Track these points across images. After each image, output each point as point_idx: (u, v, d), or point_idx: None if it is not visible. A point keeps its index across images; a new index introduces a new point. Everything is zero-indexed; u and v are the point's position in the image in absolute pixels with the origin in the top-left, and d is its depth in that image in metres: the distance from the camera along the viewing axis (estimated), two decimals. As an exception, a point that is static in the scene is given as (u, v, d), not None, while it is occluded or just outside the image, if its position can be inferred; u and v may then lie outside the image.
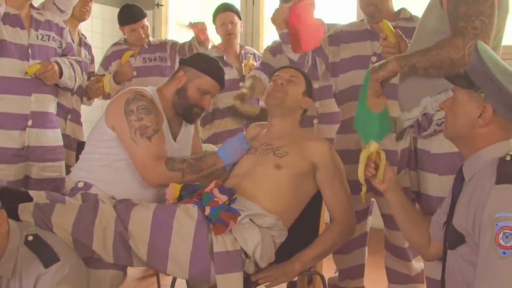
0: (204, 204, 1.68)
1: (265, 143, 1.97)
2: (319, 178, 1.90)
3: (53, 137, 2.46)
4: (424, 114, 1.70)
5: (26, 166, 2.36)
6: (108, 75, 2.99)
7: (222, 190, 1.72)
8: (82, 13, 2.90)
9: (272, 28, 2.35)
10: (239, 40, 3.25)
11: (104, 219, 1.64)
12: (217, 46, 3.10)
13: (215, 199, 1.68)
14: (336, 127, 2.50)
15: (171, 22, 4.97)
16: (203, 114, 2.19)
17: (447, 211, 1.46)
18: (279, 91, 1.99)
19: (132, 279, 2.89)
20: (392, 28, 1.90)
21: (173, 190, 1.82)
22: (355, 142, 2.28)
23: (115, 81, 3.06)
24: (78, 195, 1.78)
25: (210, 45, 3.07)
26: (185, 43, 3.11)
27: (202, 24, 2.91)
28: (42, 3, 2.75)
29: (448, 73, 1.51)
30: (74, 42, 2.73)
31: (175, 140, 2.06)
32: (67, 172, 2.36)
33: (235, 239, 1.65)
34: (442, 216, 1.51)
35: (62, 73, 2.42)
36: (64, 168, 2.53)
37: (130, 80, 3.11)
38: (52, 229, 1.61)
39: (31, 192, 1.76)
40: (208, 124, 3.11)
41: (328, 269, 2.45)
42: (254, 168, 1.89)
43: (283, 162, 1.86)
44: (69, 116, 2.82)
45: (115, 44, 3.28)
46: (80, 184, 1.91)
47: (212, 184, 1.74)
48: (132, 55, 3.13)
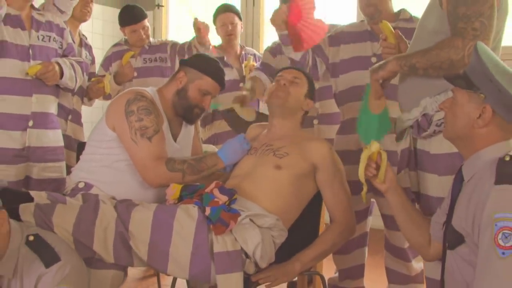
0: (204, 204, 1.68)
1: (265, 144, 1.97)
2: (319, 179, 1.90)
3: (54, 137, 2.46)
4: (423, 115, 1.70)
5: (27, 167, 2.36)
6: (108, 76, 2.99)
7: (223, 191, 1.72)
8: (83, 14, 2.90)
9: (272, 29, 2.35)
10: (240, 41, 3.26)
11: (104, 220, 1.64)
12: (216, 48, 3.10)
13: (216, 200, 1.68)
14: (336, 127, 2.50)
15: (172, 23, 4.98)
16: (203, 115, 2.19)
17: (447, 211, 1.46)
18: (281, 92, 1.99)
19: (133, 279, 2.89)
20: (392, 29, 1.90)
21: (173, 191, 1.82)
22: (355, 142, 2.29)
23: (115, 81, 3.06)
24: (79, 196, 1.78)
25: (210, 46, 3.08)
26: (185, 43, 3.11)
27: (207, 25, 2.91)
28: (42, 4, 2.75)
29: (448, 73, 1.51)
30: (75, 42, 2.73)
31: (175, 140, 2.06)
32: (68, 173, 2.36)
33: (235, 239, 1.65)
34: (442, 216, 1.51)
35: (63, 73, 2.42)
36: (65, 168, 2.53)
37: (131, 80, 3.11)
38: (53, 229, 1.62)
39: (32, 193, 1.76)
40: (209, 124, 3.12)
41: (328, 269, 2.45)
42: (255, 168, 1.89)
43: (283, 162, 1.86)
44: (69, 117, 2.82)
45: (116, 44, 3.28)
46: (80, 185, 1.92)
47: (213, 185, 1.74)
48: (132, 56, 3.13)
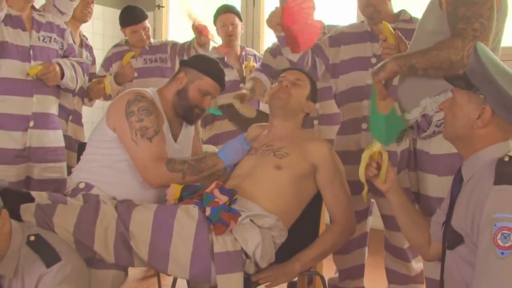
0: (204, 204, 1.68)
1: (265, 144, 1.98)
2: (319, 179, 1.90)
3: (54, 138, 2.46)
4: (423, 115, 1.70)
5: (27, 167, 2.36)
6: (109, 77, 2.99)
7: (223, 191, 1.72)
8: (83, 14, 2.90)
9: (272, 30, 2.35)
10: (240, 42, 3.26)
11: (105, 220, 1.65)
12: (219, 48, 3.11)
13: (216, 200, 1.68)
14: (337, 128, 2.49)
15: (172, 24, 4.98)
16: (203, 115, 2.20)
17: (446, 211, 1.47)
18: (282, 93, 2.00)
19: (133, 280, 2.90)
20: (391, 30, 1.91)
21: (174, 191, 1.83)
22: (355, 143, 2.29)
23: (116, 82, 3.06)
24: (80, 196, 1.79)
25: (211, 46, 3.08)
26: (185, 43, 3.12)
27: (204, 26, 2.91)
28: (42, 5, 2.75)
29: (447, 74, 1.52)
30: (76, 43, 2.73)
31: (175, 141, 2.06)
32: (69, 173, 2.37)
33: (236, 239, 1.65)
34: (442, 216, 1.51)
35: (64, 74, 2.42)
36: (66, 169, 2.53)
37: (131, 81, 3.11)
38: (54, 229, 1.62)
39: (33, 193, 1.76)
40: (209, 125, 3.12)
41: (328, 269, 2.45)
42: (255, 169, 1.90)
43: (283, 163, 1.86)
44: (70, 117, 2.82)
45: (116, 45, 3.28)
46: (81, 185, 1.92)
47: (213, 185, 1.74)
48: (133, 56, 3.13)
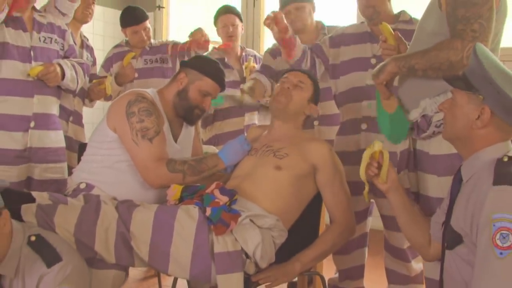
0: (205, 205, 1.68)
1: (265, 145, 1.98)
2: (319, 180, 1.91)
3: (55, 138, 2.46)
4: (423, 116, 1.71)
5: (28, 168, 2.36)
6: (110, 78, 2.99)
7: (223, 191, 1.72)
8: (84, 15, 2.90)
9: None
10: (240, 42, 3.26)
11: (106, 220, 1.65)
12: (219, 47, 3.11)
13: (216, 200, 1.69)
14: (336, 128, 2.49)
15: (172, 24, 4.99)
16: (204, 116, 2.20)
17: (446, 211, 1.48)
18: (283, 96, 2.00)
19: (134, 280, 2.90)
20: (391, 31, 1.91)
21: (174, 191, 1.83)
22: (354, 143, 2.29)
23: (116, 82, 3.06)
24: (80, 196, 1.79)
25: (211, 47, 3.09)
26: (185, 44, 3.12)
27: (199, 31, 2.91)
28: (43, 6, 2.76)
29: (447, 75, 1.52)
30: (76, 44, 2.74)
31: (176, 141, 2.07)
32: (69, 174, 2.37)
33: (236, 239, 1.65)
34: (442, 216, 1.51)
35: (64, 75, 2.43)
36: (66, 169, 2.54)
37: (132, 81, 3.11)
38: (55, 229, 1.62)
39: (34, 193, 1.77)
40: (209, 125, 3.12)
41: (328, 269, 2.45)
42: (255, 169, 1.90)
43: (283, 163, 1.87)
44: (71, 118, 2.82)
45: (117, 46, 3.28)
46: (82, 185, 1.92)
47: (213, 185, 1.75)
48: (133, 57, 3.13)
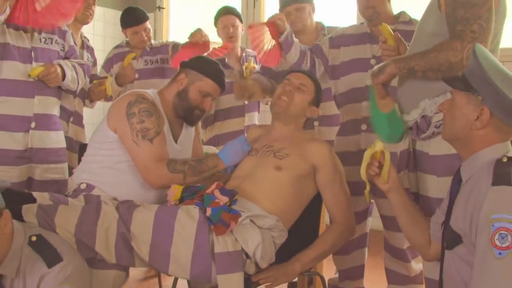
0: (205, 205, 1.69)
1: (266, 145, 1.98)
2: (319, 180, 1.91)
3: (56, 139, 2.46)
4: (422, 116, 1.71)
5: (29, 168, 2.36)
6: (110, 78, 2.99)
7: (223, 192, 1.73)
8: (85, 16, 2.90)
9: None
10: (240, 43, 3.27)
11: (106, 220, 1.66)
12: (219, 49, 3.11)
13: (216, 200, 1.69)
14: (337, 129, 2.50)
15: (173, 25, 4.99)
16: (204, 116, 2.21)
17: (446, 211, 1.48)
18: (283, 100, 1.99)
19: (134, 280, 2.90)
20: (391, 31, 1.91)
21: (174, 192, 1.83)
22: (354, 143, 2.30)
23: (117, 83, 3.06)
24: (81, 197, 1.79)
25: (211, 47, 3.09)
26: (185, 44, 3.12)
27: (198, 32, 2.91)
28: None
29: (446, 76, 1.53)
30: (77, 45, 2.74)
31: (176, 142, 2.07)
32: (70, 174, 2.38)
33: (236, 239, 1.66)
34: (441, 216, 1.52)
35: (65, 75, 2.43)
36: (67, 170, 2.54)
37: (132, 82, 3.11)
38: (55, 230, 1.63)
39: (35, 194, 1.77)
40: (210, 126, 3.13)
41: (328, 270, 2.45)
42: (255, 169, 1.91)
43: (283, 164, 1.87)
44: (71, 119, 2.82)
45: (117, 46, 3.29)
46: (82, 186, 1.93)
47: (213, 186, 1.75)
48: (134, 58, 3.14)
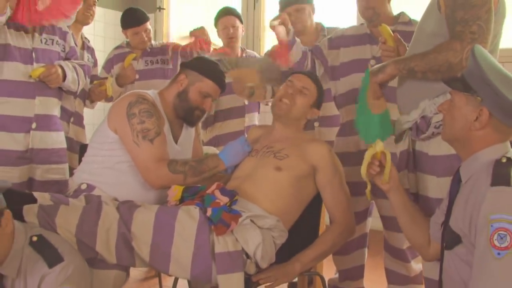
0: (206, 205, 1.69)
1: (266, 146, 1.99)
2: (319, 180, 1.92)
3: (57, 139, 2.47)
4: (422, 117, 1.71)
5: (30, 168, 2.37)
6: (110, 79, 3.00)
7: (224, 192, 1.73)
8: (85, 17, 2.91)
9: (273, 33, 2.37)
10: (240, 44, 3.27)
11: (107, 221, 1.66)
12: (219, 50, 3.12)
13: (217, 201, 1.69)
14: (337, 130, 2.50)
15: (173, 26, 5.00)
16: (204, 117, 2.21)
17: (445, 212, 1.49)
18: (285, 103, 1.99)
19: (135, 280, 2.91)
20: (391, 32, 1.92)
21: (175, 192, 1.84)
22: (354, 144, 2.30)
23: (117, 84, 3.06)
24: (82, 197, 1.80)
25: (212, 48, 3.10)
26: (187, 45, 3.13)
27: (201, 30, 2.92)
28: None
29: (446, 76, 1.53)
30: (77, 45, 2.74)
31: (176, 142, 2.07)
32: (70, 175, 2.38)
33: (236, 239, 1.66)
34: (441, 216, 1.52)
35: (66, 76, 2.44)
36: (68, 170, 2.54)
37: (133, 83, 3.11)
38: (56, 230, 1.63)
39: (36, 194, 1.77)
40: (210, 126, 3.13)
41: (328, 270, 2.46)
42: (255, 170, 1.91)
43: (283, 164, 1.88)
44: (72, 119, 2.83)
45: (117, 47, 3.29)
46: (83, 186, 1.93)
47: (214, 186, 1.76)
48: (134, 58, 3.14)
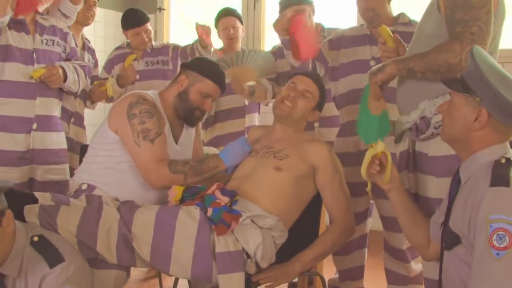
0: (206, 205, 1.70)
1: (266, 146, 1.99)
2: (319, 180, 1.92)
3: (57, 140, 2.47)
4: (422, 117, 1.72)
5: (31, 169, 2.38)
6: (111, 79, 3.00)
7: (224, 192, 1.74)
8: (86, 17, 2.92)
9: (273, 33, 2.38)
10: (241, 44, 3.28)
11: (108, 221, 1.66)
12: (218, 52, 3.13)
13: (217, 201, 1.70)
14: (337, 130, 2.51)
15: (173, 26, 5.00)
16: (205, 117, 2.22)
17: (445, 212, 1.49)
18: (286, 106, 1.99)
19: (135, 280, 2.91)
20: (390, 33, 1.92)
21: (175, 192, 1.84)
22: (354, 144, 2.31)
23: (118, 84, 3.07)
24: (83, 197, 1.80)
25: (212, 49, 3.10)
26: (187, 46, 3.13)
27: (208, 27, 2.94)
28: (46, 8, 2.77)
29: (445, 77, 1.54)
30: (78, 46, 2.75)
31: (176, 143, 2.08)
32: (71, 175, 2.39)
33: (237, 239, 1.67)
34: (441, 216, 1.52)
35: (67, 77, 2.44)
36: (68, 171, 2.55)
37: (133, 83, 3.12)
38: (57, 230, 1.63)
39: (37, 194, 1.78)
40: (210, 127, 3.14)
41: (328, 270, 2.46)
42: (255, 170, 1.92)
43: (283, 164, 1.88)
44: (72, 120, 2.84)
45: (118, 48, 3.30)
46: (83, 186, 1.94)
47: (214, 186, 1.76)
48: (135, 59, 3.15)
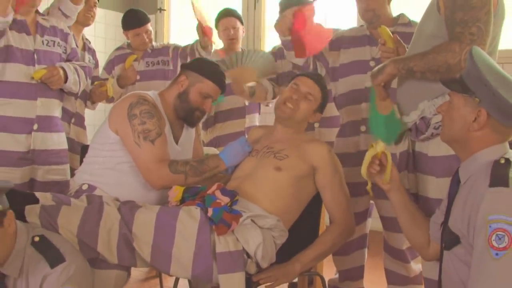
0: (206, 205, 1.70)
1: (266, 146, 2.00)
2: (319, 180, 1.92)
3: (58, 140, 2.48)
4: (422, 118, 1.72)
5: (31, 169, 2.38)
6: (111, 79, 3.01)
7: (224, 192, 1.74)
8: (86, 18, 2.93)
9: (273, 33, 2.38)
10: (241, 45, 3.28)
11: (108, 221, 1.67)
12: (218, 52, 3.13)
13: (218, 201, 1.70)
14: (337, 130, 2.51)
15: (173, 27, 5.00)
16: (205, 118, 2.22)
17: (445, 212, 1.49)
18: (288, 108, 1.99)
19: (136, 280, 2.91)
20: (390, 34, 1.92)
21: (176, 193, 1.85)
22: (354, 145, 2.31)
23: (118, 85, 3.07)
24: (83, 197, 1.81)
25: (213, 49, 3.11)
26: (187, 46, 3.13)
27: (211, 29, 2.95)
28: (47, 8, 2.78)
29: (444, 77, 1.54)
30: (78, 47, 2.75)
31: (177, 143, 2.08)
32: (71, 175, 2.39)
33: (237, 239, 1.67)
34: (440, 217, 1.53)
35: (67, 78, 2.45)
36: (69, 171, 2.55)
37: (134, 84, 3.12)
38: (58, 230, 1.64)
39: (38, 194, 1.78)
40: (210, 127, 3.14)
41: (328, 270, 2.46)
42: (255, 170, 1.92)
43: (283, 164, 1.89)
44: (73, 120, 2.85)
45: (118, 48, 3.30)
46: (84, 187, 1.94)
47: (214, 186, 1.77)
48: (135, 59, 3.15)
